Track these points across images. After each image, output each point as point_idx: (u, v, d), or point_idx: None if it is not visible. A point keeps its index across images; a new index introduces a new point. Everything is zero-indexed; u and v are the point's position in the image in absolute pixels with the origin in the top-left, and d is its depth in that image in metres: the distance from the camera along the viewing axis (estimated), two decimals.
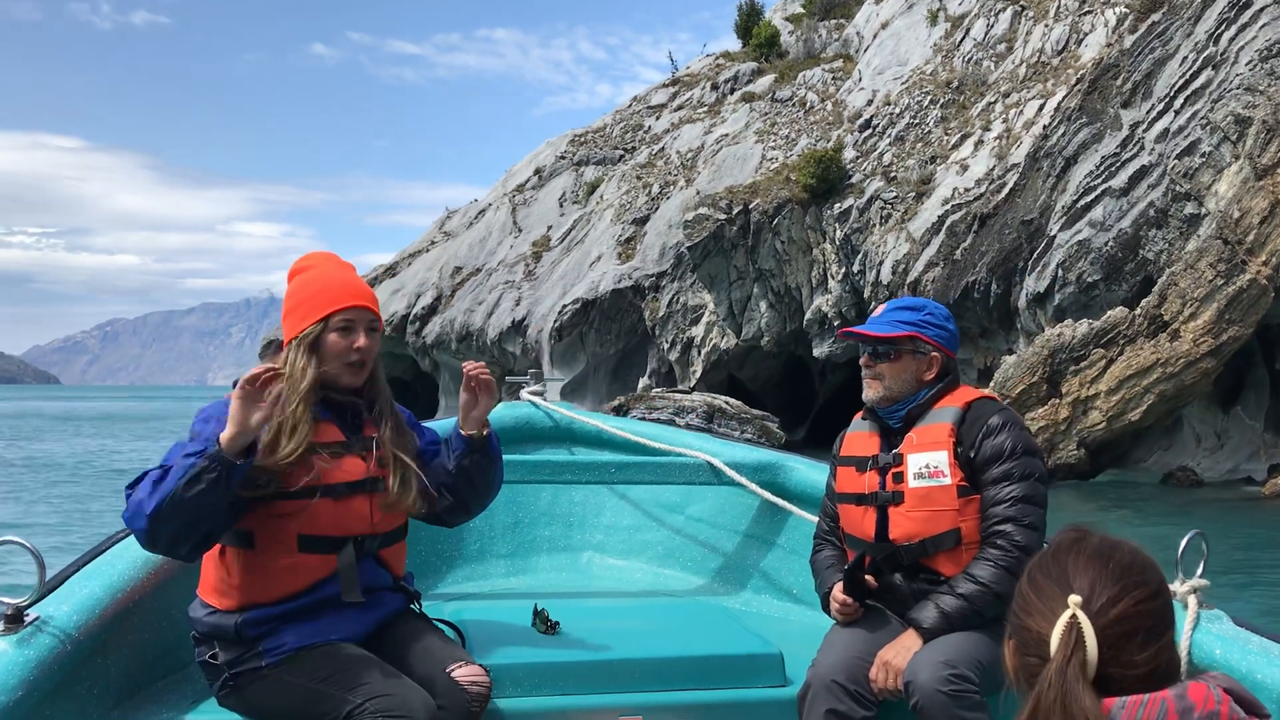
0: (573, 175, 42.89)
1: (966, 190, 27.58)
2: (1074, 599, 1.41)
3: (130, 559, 3.02)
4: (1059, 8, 32.47)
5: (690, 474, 4.55)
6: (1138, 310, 21.73)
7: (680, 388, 32.24)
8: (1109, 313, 22.07)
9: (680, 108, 43.64)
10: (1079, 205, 23.72)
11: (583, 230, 39.40)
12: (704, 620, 3.56)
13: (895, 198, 29.25)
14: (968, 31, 35.24)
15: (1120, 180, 23.29)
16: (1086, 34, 30.86)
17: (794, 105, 38.11)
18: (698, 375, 33.46)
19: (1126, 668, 1.41)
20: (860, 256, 29.20)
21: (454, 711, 2.67)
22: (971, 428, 3.07)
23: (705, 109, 42.31)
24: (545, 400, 5.15)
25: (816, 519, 3.51)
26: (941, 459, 3.04)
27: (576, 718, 2.98)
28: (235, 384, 2.65)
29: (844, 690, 2.95)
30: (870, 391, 3.21)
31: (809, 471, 4.43)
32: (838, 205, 30.17)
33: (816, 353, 31.41)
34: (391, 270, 44.43)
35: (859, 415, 3.36)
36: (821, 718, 2.95)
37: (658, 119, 43.85)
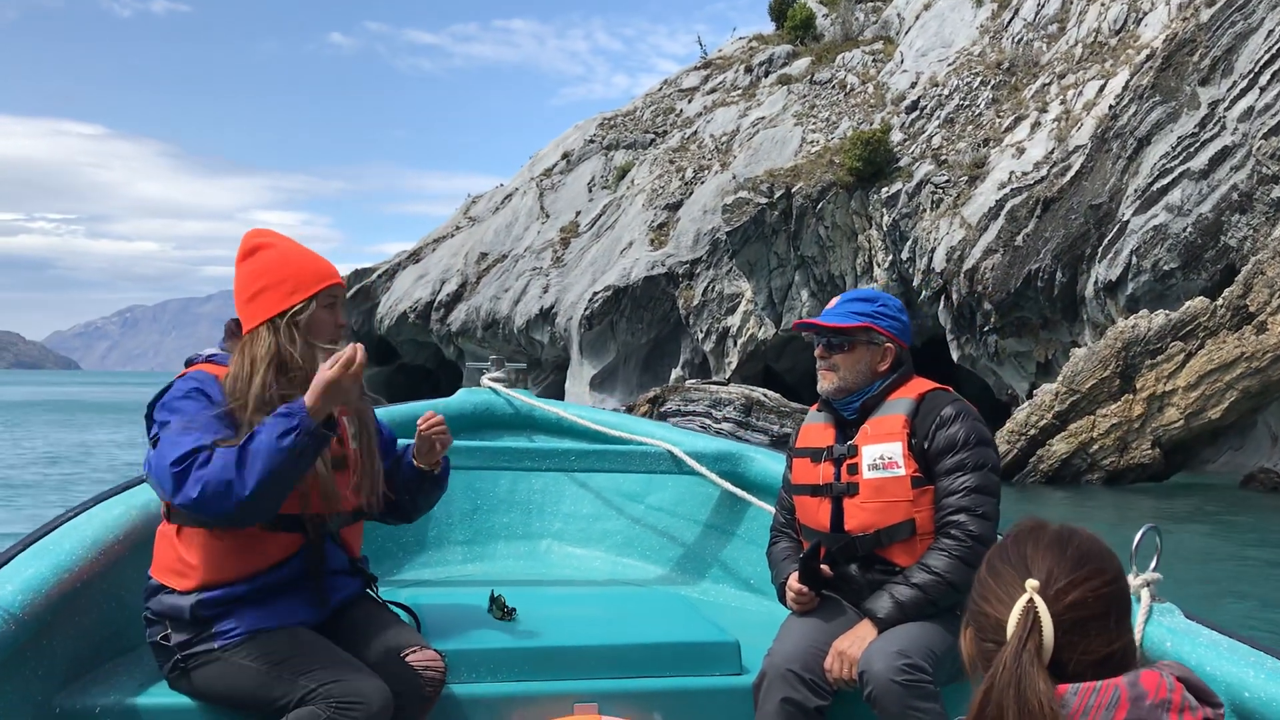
0: (602, 159, 41.29)
1: (1024, 174, 25.90)
2: (1031, 583, 1.39)
3: (79, 539, 2.92)
4: None
5: (650, 463, 4.48)
6: (1219, 300, 20.05)
7: (716, 379, 30.65)
8: (1188, 303, 20.41)
9: (713, 91, 41.99)
10: (1154, 189, 22.03)
11: (613, 216, 37.81)
12: (661, 608, 3.55)
13: (947, 182, 27.58)
14: (1016, 12, 33.55)
15: (1200, 162, 21.60)
16: (1146, 13, 29.12)
17: (833, 88, 36.45)
18: (733, 366, 31.86)
19: (1082, 654, 1.40)
20: (910, 243, 27.55)
21: (409, 697, 2.64)
22: (925, 419, 3.05)
23: (739, 92, 40.67)
24: (505, 387, 5.04)
25: (774, 510, 3.49)
26: (895, 450, 3.03)
27: (532, 704, 2.95)
28: (188, 363, 2.77)
29: (799, 679, 2.95)
30: (825, 383, 3.19)
31: (768, 462, 4.38)
32: (885, 189, 28.51)
33: None
34: (415, 256, 42.89)
35: (814, 407, 3.34)
36: (776, 706, 2.93)
37: (689, 102, 42.21)
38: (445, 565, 4.48)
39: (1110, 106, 24.47)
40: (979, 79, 31.13)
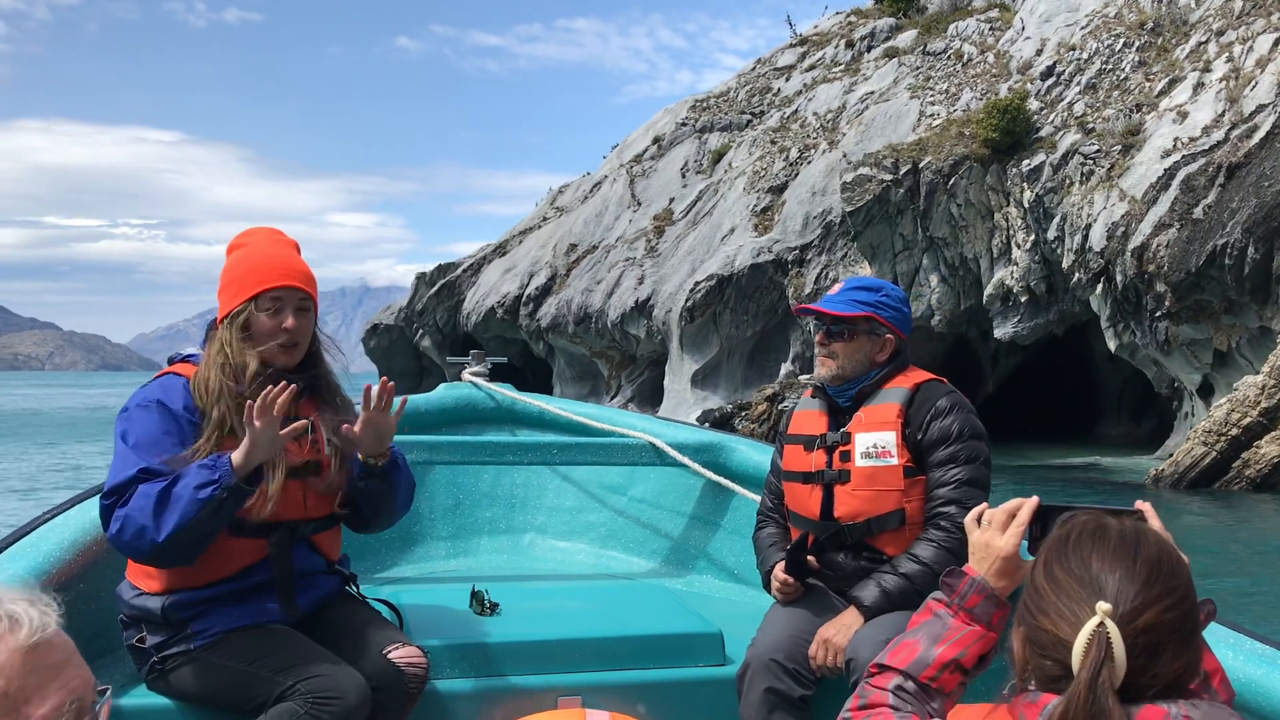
0: (695, 143, 38.28)
1: (1192, 140, 22.49)
2: (1103, 606, 1.24)
3: (57, 540, 2.88)
4: None
5: (633, 455, 4.41)
6: None
7: None
8: None
9: (811, 68, 38.81)
10: None
11: (710, 201, 34.80)
12: (644, 600, 3.49)
13: (1098, 151, 24.20)
14: None
15: None
16: None
17: (949, 58, 33.09)
18: None
19: (1153, 677, 1.27)
20: (1057, 220, 24.22)
21: (391, 693, 2.58)
22: (920, 409, 2.99)
23: (841, 68, 37.44)
24: (487, 380, 4.92)
25: (759, 499, 3.43)
26: (889, 439, 2.97)
27: (515, 698, 2.89)
28: (169, 361, 2.76)
29: (782, 669, 2.91)
30: (823, 369, 3.13)
31: (751, 452, 4.30)
32: (1026, 162, 25.18)
33: (999, 333, 26.47)
34: (501, 249, 40.22)
35: (808, 393, 3.29)
36: (760, 696, 2.90)
37: (787, 80, 39.07)
38: (428, 561, 4.34)
39: None
40: (1121, 41, 27.67)
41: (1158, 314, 21.45)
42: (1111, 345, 23.58)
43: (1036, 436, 27.88)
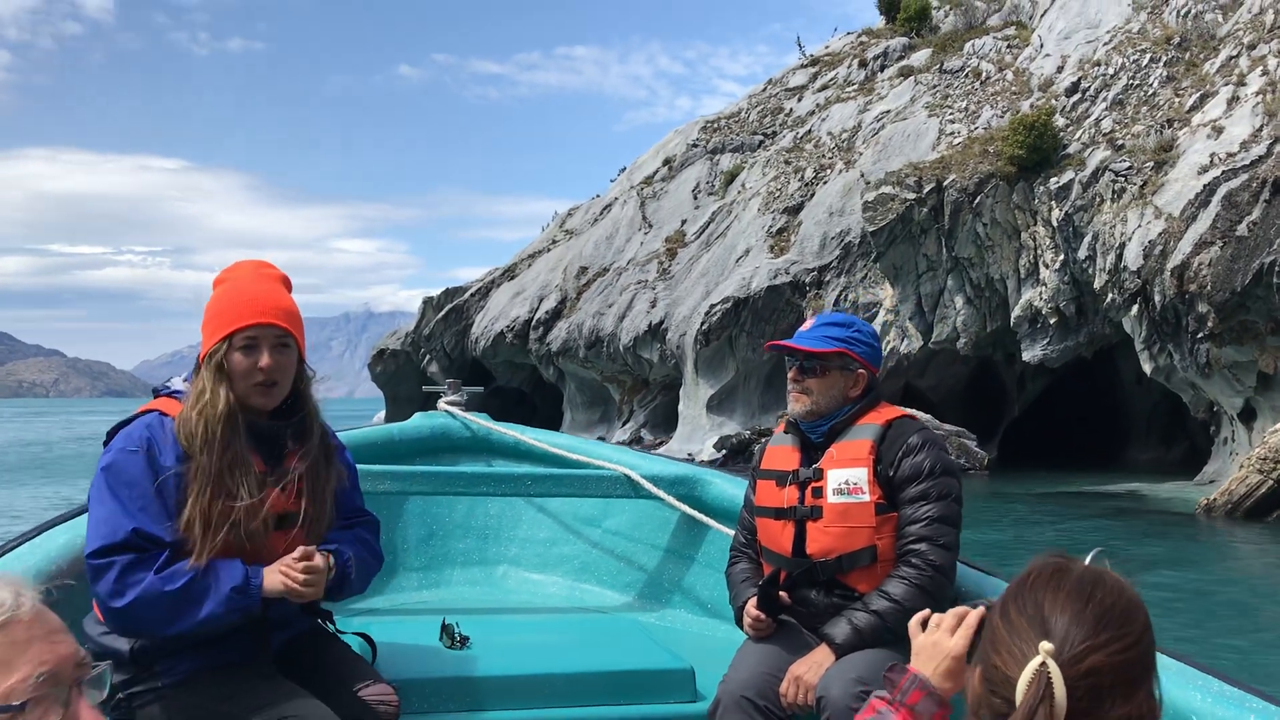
0: (707, 164, 37.38)
1: (1230, 155, 21.53)
2: (1045, 646, 1.25)
3: (22, 569, 2.76)
4: None
5: (608, 487, 4.34)
6: None
7: None
8: None
9: (824, 88, 37.96)
10: None
11: (724, 222, 33.85)
12: (616, 635, 3.47)
13: (1129, 168, 23.24)
14: None
15: None
16: None
17: (966, 76, 32.22)
18: None
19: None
20: (1088, 239, 23.23)
21: None
22: (891, 446, 2.97)
23: (855, 87, 36.59)
24: (463, 410, 4.87)
25: (733, 533, 3.40)
26: (861, 476, 2.96)
27: None
28: (155, 393, 2.66)
29: (754, 706, 2.89)
30: (797, 406, 3.09)
31: (726, 485, 4.26)
32: (1054, 180, 24.22)
33: (1027, 356, 25.42)
34: (510, 272, 39.25)
35: (779, 428, 3.24)
36: None
37: (799, 101, 38.21)
38: (401, 592, 4.27)
39: None
40: (1147, 56, 26.78)
41: (1199, 335, 20.43)
42: (1147, 368, 22.55)
43: (1063, 462, 26.82)
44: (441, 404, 4.96)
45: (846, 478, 2.96)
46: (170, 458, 2.48)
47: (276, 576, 2.48)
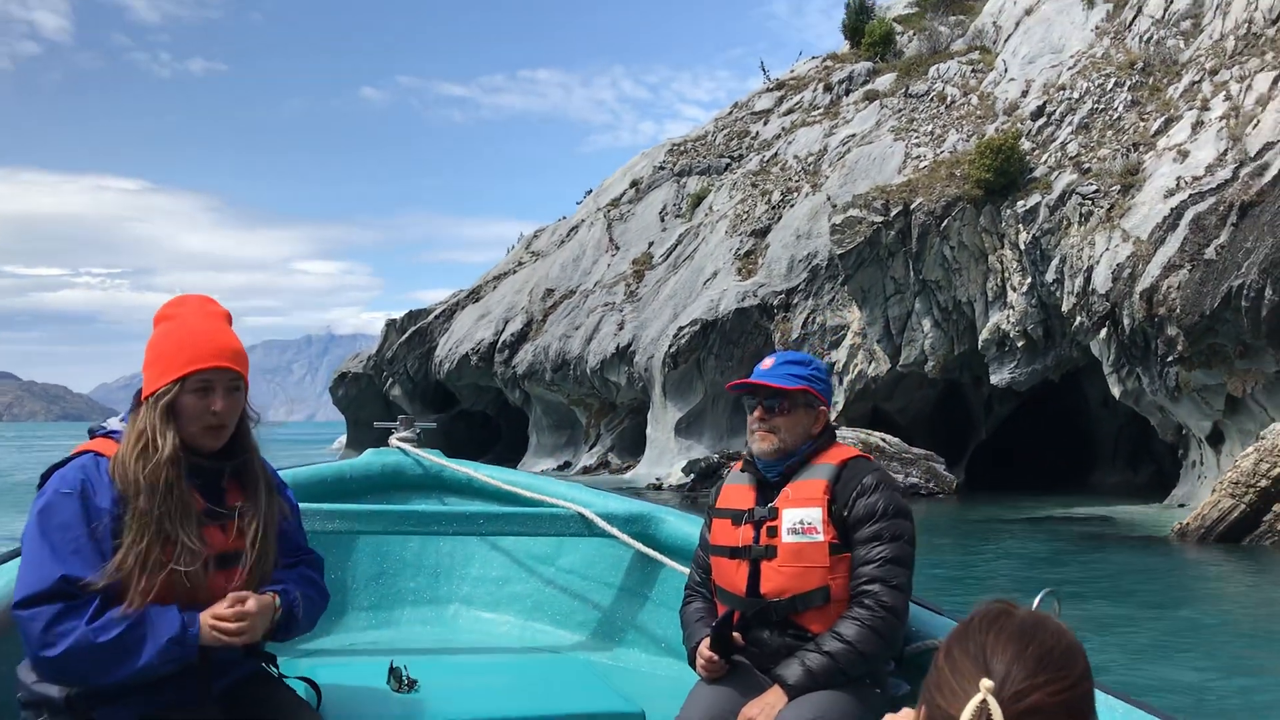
0: (674, 187, 37.22)
1: (1197, 179, 21.58)
2: (986, 683, 1.27)
3: None
4: None
5: (561, 525, 4.29)
6: None
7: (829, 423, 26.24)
8: None
9: (790, 111, 37.93)
10: None
11: (691, 245, 33.66)
12: (567, 677, 3.46)
13: (1096, 191, 23.25)
14: (1140, 10, 29.42)
15: None
16: None
17: (931, 100, 32.28)
18: (839, 407, 27.45)
19: None
20: (1055, 263, 23.19)
21: None
22: (846, 486, 2.99)
23: (820, 111, 36.59)
24: (415, 446, 4.78)
25: (688, 571, 3.40)
26: (815, 515, 2.96)
27: None
28: (90, 433, 2.58)
29: None
30: (765, 444, 3.06)
31: (680, 523, 4.22)
32: (1021, 203, 24.19)
33: (995, 379, 25.32)
34: (475, 294, 38.82)
35: (737, 466, 3.25)
36: None
37: (765, 124, 38.16)
38: (349, 633, 4.17)
39: None
40: (1112, 80, 26.90)
41: (1168, 358, 20.38)
42: (1116, 391, 22.49)
43: (1030, 485, 26.72)
44: (393, 440, 4.86)
45: (801, 517, 2.97)
46: (106, 500, 2.42)
47: (215, 626, 2.43)
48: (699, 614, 3.20)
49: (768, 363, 3.13)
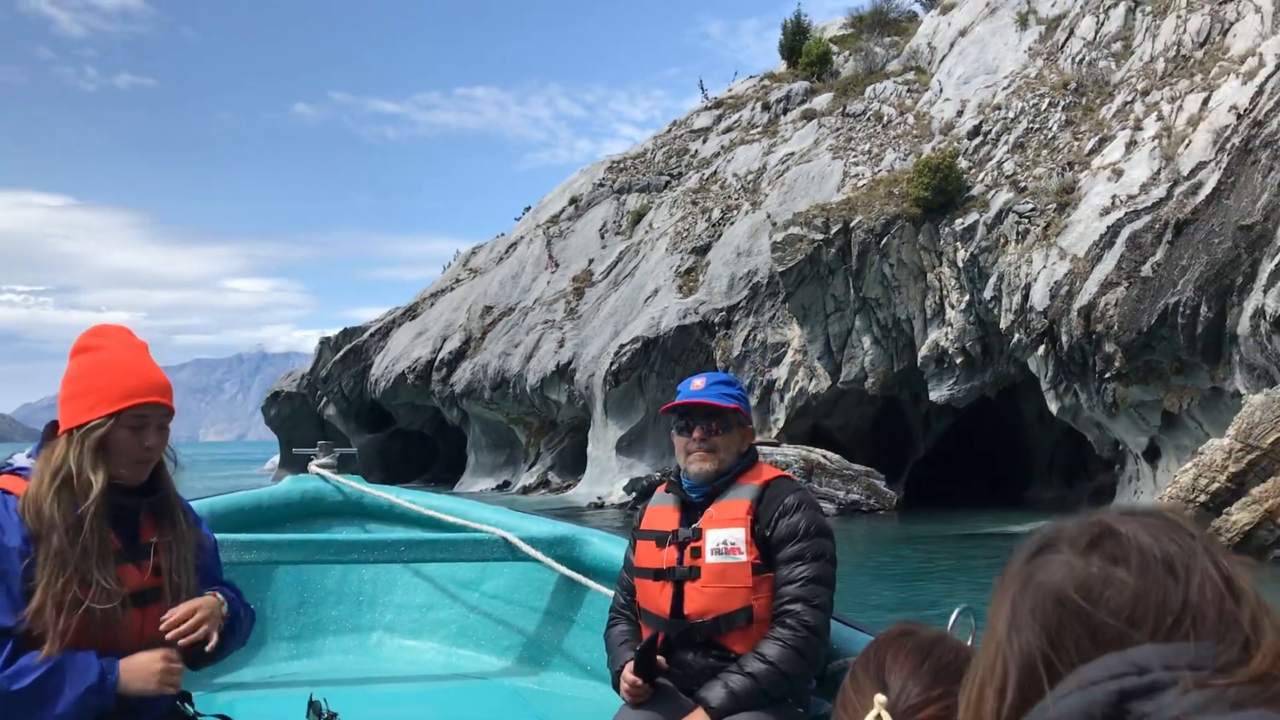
0: (614, 204, 37.01)
1: (1131, 197, 21.83)
2: (879, 698, 1.29)
3: None
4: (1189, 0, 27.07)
5: (485, 550, 4.24)
6: None
7: (768, 439, 26.15)
8: None
9: (729, 130, 37.97)
10: None
11: (631, 262, 33.46)
12: (492, 704, 3.45)
13: (1033, 210, 23.44)
14: (1072, 32, 29.86)
15: None
16: (1232, 23, 25.44)
17: (869, 119, 32.47)
18: (780, 424, 27.39)
19: None
20: (993, 280, 23.32)
21: None
22: (769, 506, 3.00)
23: (759, 130, 36.66)
24: (335, 473, 4.74)
25: (612, 593, 3.37)
26: (739, 536, 2.97)
27: None
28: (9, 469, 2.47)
29: None
30: (706, 465, 3.06)
31: (605, 545, 4.20)
32: (959, 221, 24.32)
33: (934, 396, 25.38)
34: (412, 312, 38.24)
35: (661, 488, 3.24)
36: None
37: (704, 142, 38.14)
38: (269, 664, 4.09)
39: (1239, 116, 20.52)
40: (1046, 101, 27.22)
41: (1106, 375, 20.53)
42: (1053, 407, 22.62)
43: (969, 501, 26.80)
44: (312, 467, 4.79)
45: (725, 538, 2.96)
46: (15, 539, 2.32)
47: (136, 675, 2.36)
48: (623, 637, 3.19)
49: (698, 383, 3.11)
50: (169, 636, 2.43)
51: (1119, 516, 0.93)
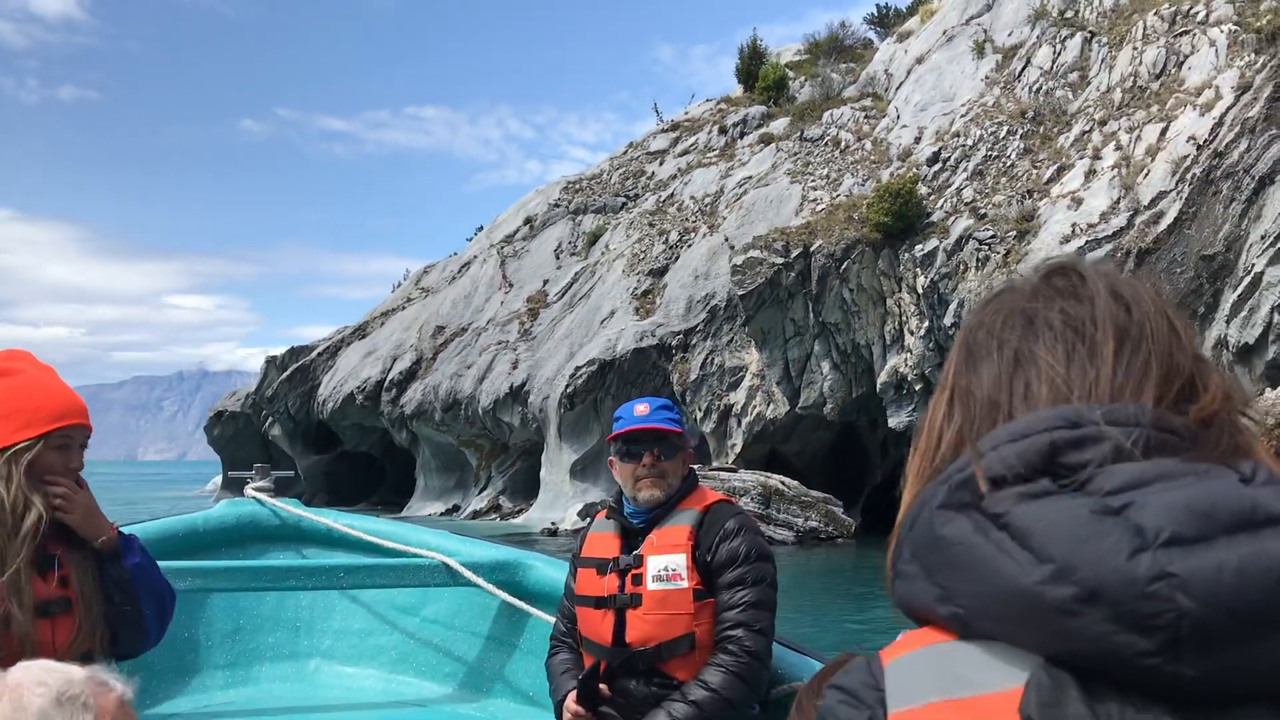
0: (569, 224, 36.57)
1: (1091, 226, 21.81)
2: None
3: None
4: (1145, 31, 27.28)
5: (425, 575, 4.17)
6: None
7: (726, 465, 25.76)
8: None
9: (685, 152, 37.73)
10: None
11: (587, 283, 33.00)
12: None
13: (992, 237, 23.37)
14: (1029, 62, 29.99)
15: None
16: (1187, 55, 25.65)
17: (826, 144, 32.37)
18: (737, 449, 27.02)
19: None
20: (953, 306, 23.18)
21: None
22: (710, 531, 2.97)
23: (715, 153, 36.45)
24: (271, 496, 4.65)
25: (554, 620, 3.33)
26: (680, 562, 2.93)
27: None
28: None
29: None
30: (656, 491, 3.02)
31: (548, 570, 4.12)
32: (919, 247, 24.18)
33: (893, 422, 25.16)
34: (361, 331, 37.45)
35: (602, 514, 3.20)
36: None
37: (660, 164, 37.86)
38: (204, 693, 3.98)
39: (1198, 146, 20.57)
40: (1004, 129, 27.26)
41: None
42: None
43: None
44: (248, 490, 4.69)
45: (666, 564, 2.92)
46: None
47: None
48: (565, 665, 3.14)
49: (642, 408, 3.07)
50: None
51: (1072, 259, 0.95)
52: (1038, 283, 0.93)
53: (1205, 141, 20.53)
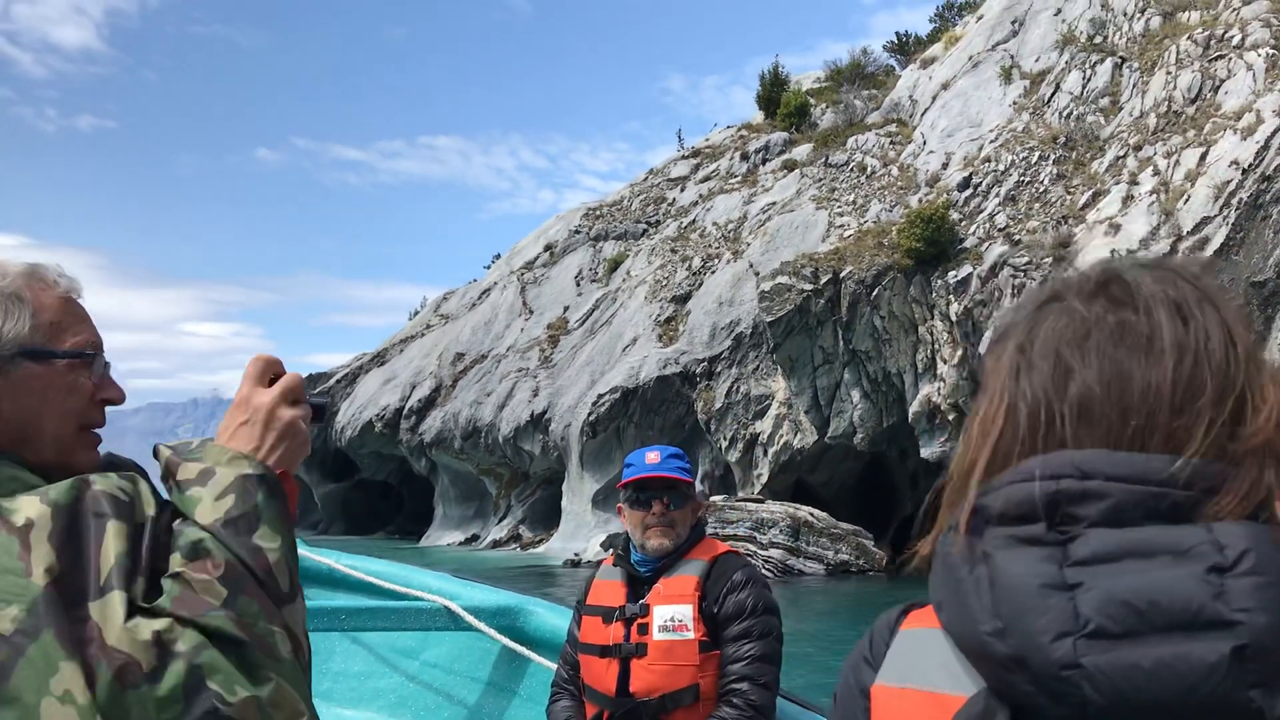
0: (590, 251, 36.04)
1: (1131, 251, 21.12)
2: None
3: None
4: (1178, 56, 26.71)
5: (427, 619, 4.09)
6: None
7: (753, 496, 25.05)
8: None
9: (706, 179, 37.23)
10: None
11: (609, 310, 32.41)
12: None
13: (1028, 263, 22.71)
14: (1058, 86, 29.44)
15: None
16: (1224, 80, 25.05)
17: (852, 170, 31.81)
18: (763, 479, 26.29)
19: None
20: (989, 335, 22.47)
21: None
22: (717, 582, 2.93)
23: (738, 179, 35.94)
24: None
25: (556, 666, 3.26)
26: (686, 612, 2.89)
27: None
28: None
29: None
30: (666, 540, 2.97)
31: (550, 616, 4.03)
32: (952, 274, 23.54)
33: (925, 453, 24.42)
34: (380, 358, 36.89)
35: (608, 561, 3.16)
36: None
37: (681, 191, 37.36)
38: None
39: (1242, 171, 19.92)
40: (1036, 154, 26.66)
41: None
42: None
43: None
44: None
45: (672, 614, 2.91)
46: None
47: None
48: (566, 713, 3.10)
49: (653, 456, 3.03)
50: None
51: (1127, 264, 0.94)
52: (1092, 289, 0.91)
53: (1250, 166, 19.87)
